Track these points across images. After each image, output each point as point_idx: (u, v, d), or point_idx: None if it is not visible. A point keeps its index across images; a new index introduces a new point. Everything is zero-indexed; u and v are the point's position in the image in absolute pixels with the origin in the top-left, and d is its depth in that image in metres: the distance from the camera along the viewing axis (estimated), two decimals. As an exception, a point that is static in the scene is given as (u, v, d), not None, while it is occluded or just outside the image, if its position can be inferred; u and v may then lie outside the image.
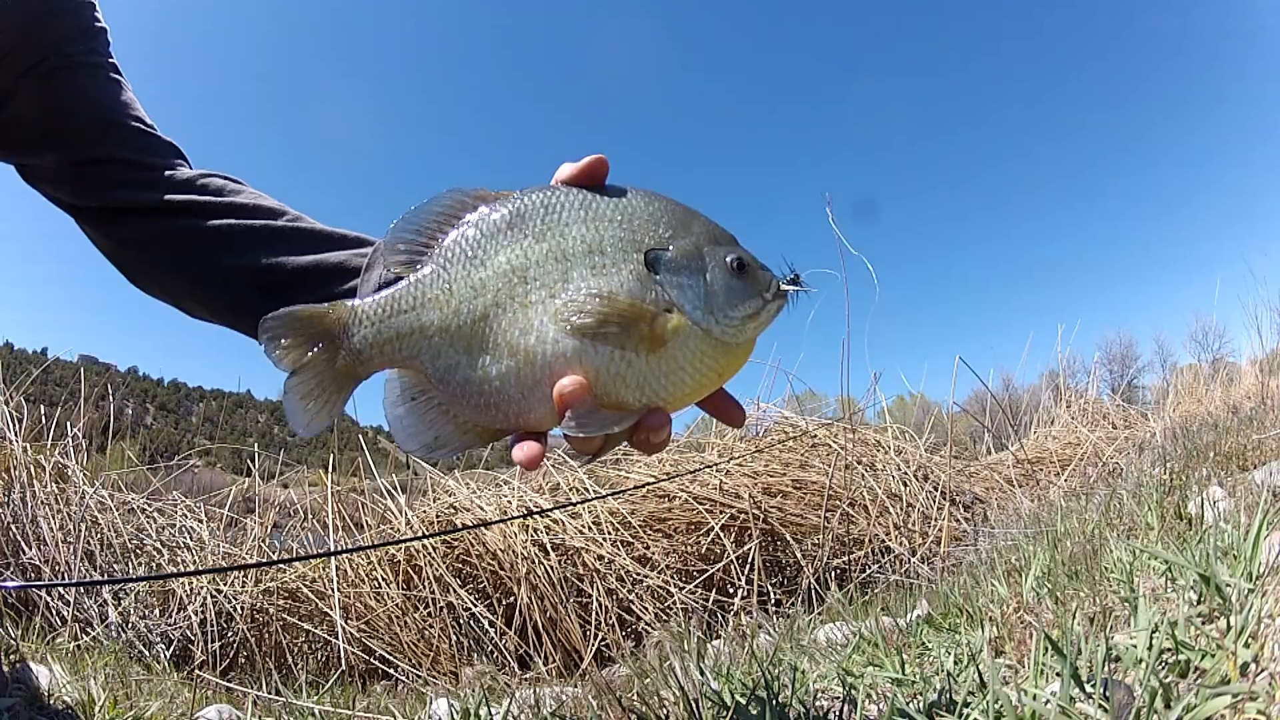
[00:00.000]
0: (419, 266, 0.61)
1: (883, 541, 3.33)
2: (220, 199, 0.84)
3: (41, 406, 3.39)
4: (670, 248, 0.59)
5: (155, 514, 3.23)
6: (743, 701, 1.00)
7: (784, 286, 0.61)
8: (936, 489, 3.62)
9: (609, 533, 3.18)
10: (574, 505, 3.24)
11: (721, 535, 3.24)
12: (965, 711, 0.85)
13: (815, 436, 3.87)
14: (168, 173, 0.86)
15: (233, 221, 0.83)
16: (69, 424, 3.33)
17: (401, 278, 0.62)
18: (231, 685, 2.36)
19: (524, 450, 0.58)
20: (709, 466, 3.50)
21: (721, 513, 3.31)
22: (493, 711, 1.34)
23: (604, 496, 3.29)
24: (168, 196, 0.84)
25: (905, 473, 3.69)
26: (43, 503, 2.94)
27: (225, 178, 0.87)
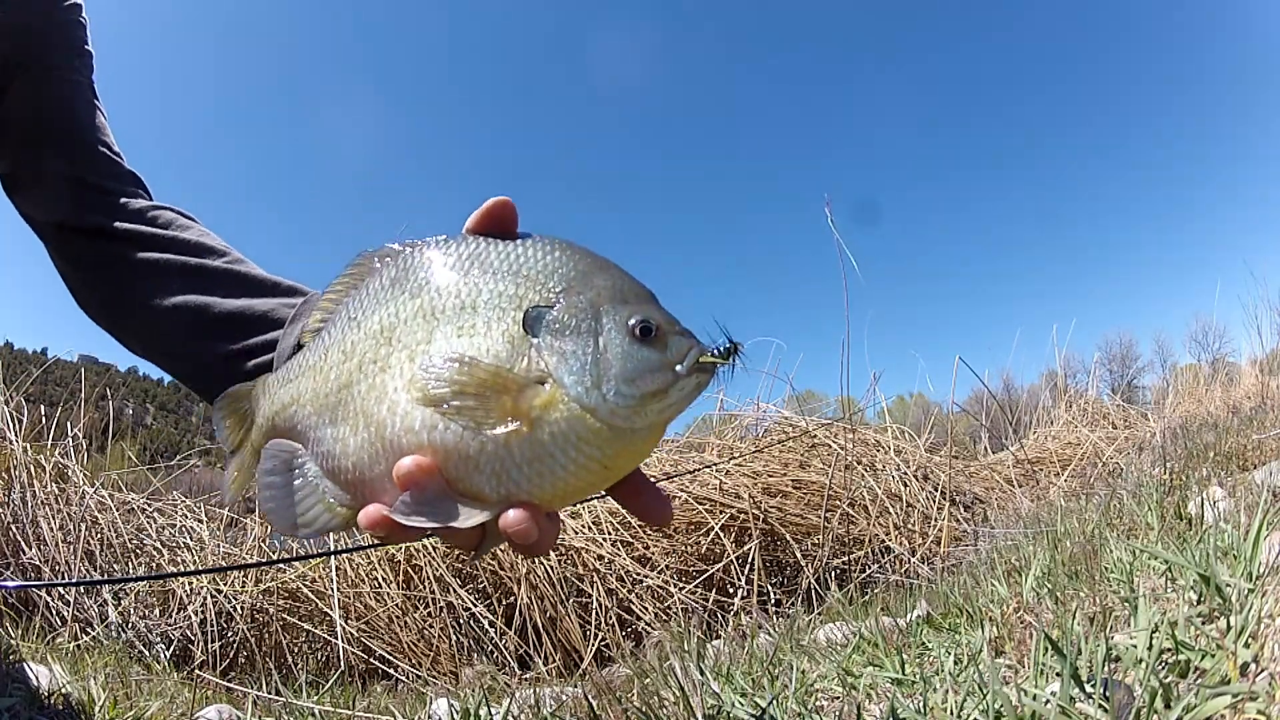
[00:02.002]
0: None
1: (883, 541, 3.33)
2: (165, 232, 0.83)
3: (41, 406, 3.39)
4: (556, 305, 0.48)
5: (155, 514, 3.23)
6: (742, 702, 1.00)
7: (705, 359, 0.48)
8: (936, 489, 3.62)
9: (609, 533, 3.18)
10: (574, 505, 3.24)
11: (721, 535, 3.24)
12: (965, 711, 0.85)
13: (815, 436, 3.87)
14: (122, 200, 0.85)
15: (170, 256, 0.81)
16: (69, 424, 3.33)
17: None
18: (231, 685, 2.36)
19: (368, 513, 0.49)
20: (709, 466, 3.50)
21: (721, 513, 3.31)
22: (493, 711, 1.34)
23: (604, 496, 3.29)
24: (116, 223, 0.83)
25: (905, 473, 3.69)
26: (43, 503, 2.94)
27: (178, 212, 0.86)
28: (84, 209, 0.84)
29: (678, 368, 0.48)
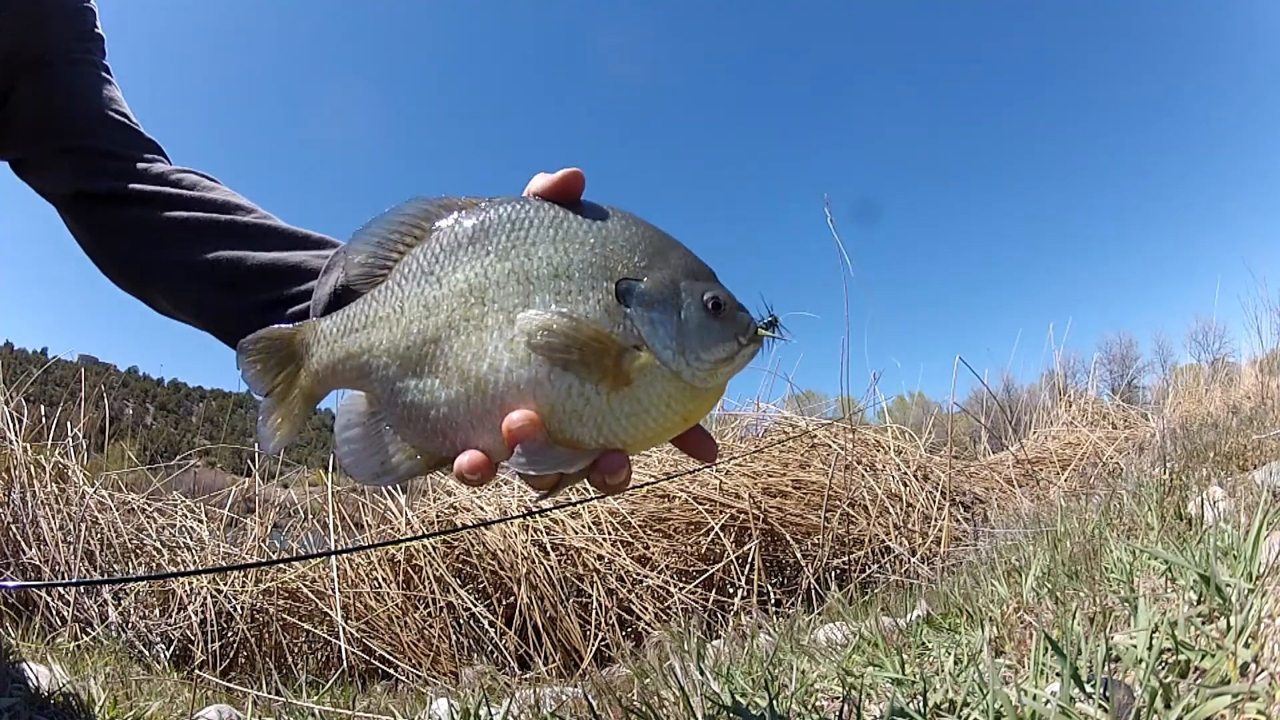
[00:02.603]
0: (377, 281, 0.59)
1: (883, 542, 3.33)
2: (190, 193, 0.84)
3: (41, 406, 3.39)
4: (644, 279, 0.55)
5: (155, 514, 3.23)
6: (742, 702, 1.00)
7: (760, 331, 0.57)
8: (936, 489, 3.62)
9: (609, 533, 3.18)
10: (574, 505, 3.24)
11: (721, 535, 3.24)
12: (965, 711, 0.85)
13: (815, 436, 3.87)
14: (141, 165, 0.86)
15: (199, 215, 0.82)
16: (69, 424, 3.33)
17: (361, 292, 0.60)
18: (231, 685, 2.36)
19: (467, 458, 0.54)
20: (709, 466, 3.50)
21: (721, 513, 3.31)
22: (493, 711, 1.34)
23: (604, 496, 3.29)
24: (137, 186, 0.84)
25: (905, 473, 3.69)
26: (43, 503, 2.94)
27: (201, 175, 0.88)
28: (99, 176, 0.85)
29: (740, 339, 0.55)
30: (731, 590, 3.12)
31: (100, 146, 0.87)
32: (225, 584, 2.91)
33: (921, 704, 0.91)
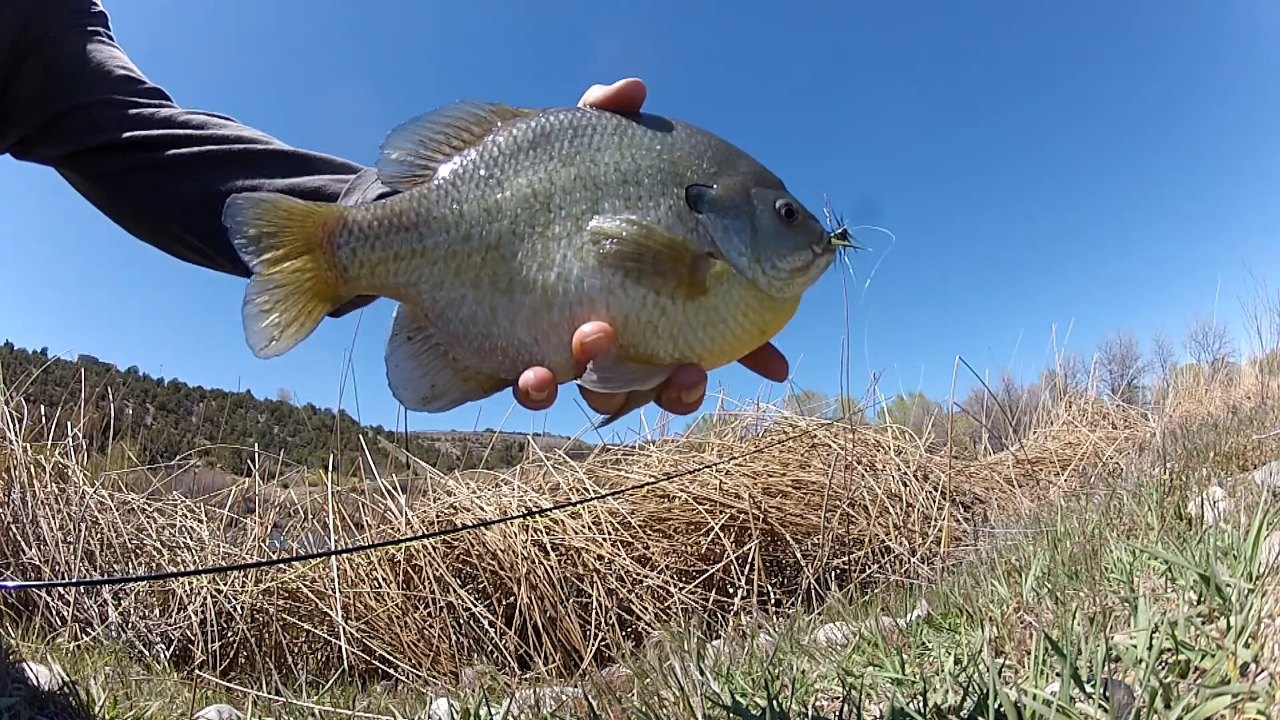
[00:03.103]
0: (418, 181, 0.53)
1: (883, 541, 3.33)
2: (198, 131, 0.82)
3: (41, 406, 3.39)
4: (715, 185, 0.52)
5: (155, 514, 3.23)
6: (742, 702, 1.00)
7: (834, 240, 0.55)
8: (936, 489, 3.62)
9: (609, 533, 3.18)
10: (574, 505, 3.24)
11: (721, 535, 3.24)
12: (965, 711, 0.85)
13: (815, 436, 3.87)
14: (138, 111, 0.85)
15: (208, 149, 0.80)
16: (69, 424, 3.33)
17: (395, 192, 0.54)
18: (231, 685, 2.36)
19: (532, 374, 0.50)
20: (709, 466, 3.50)
21: (721, 513, 3.31)
22: (493, 711, 1.34)
23: (604, 496, 3.29)
24: (136, 132, 0.83)
25: (905, 473, 3.69)
26: (43, 503, 2.94)
27: (213, 115, 0.85)
28: (96, 129, 0.84)
29: (814, 247, 0.54)
30: (731, 590, 3.12)
31: (97, 99, 0.85)
32: (225, 584, 2.91)
33: (921, 704, 0.91)
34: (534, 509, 3.28)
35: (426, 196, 0.52)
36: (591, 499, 3.25)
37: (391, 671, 2.77)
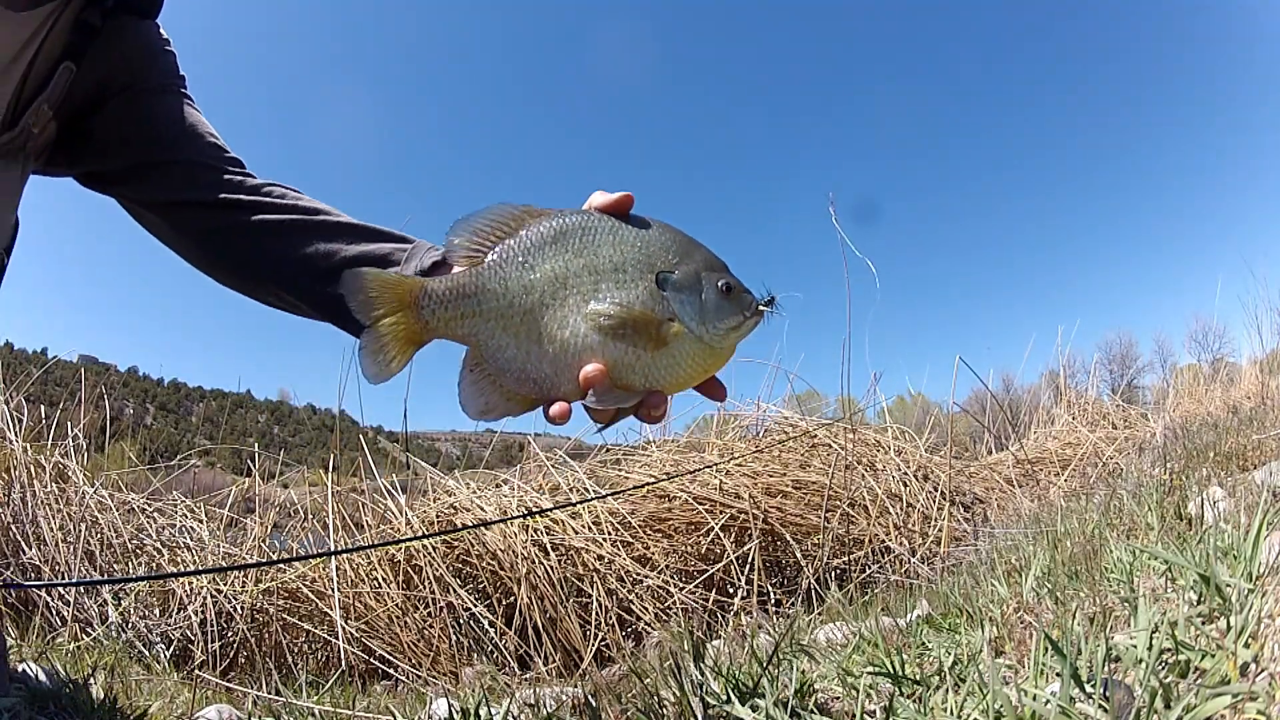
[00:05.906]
0: (475, 262, 0.76)
1: (883, 541, 3.33)
2: (280, 200, 1.00)
3: (41, 406, 3.39)
4: (676, 271, 0.75)
5: (155, 514, 3.22)
6: (743, 702, 1.00)
7: (760, 307, 0.77)
8: (936, 489, 3.62)
9: (609, 533, 3.18)
10: (574, 505, 3.24)
11: (721, 535, 3.24)
12: (965, 711, 0.85)
13: (815, 436, 3.87)
14: (231, 177, 1.01)
15: (294, 217, 0.98)
16: (69, 424, 3.33)
17: (452, 266, 0.79)
18: (231, 685, 2.36)
19: (557, 408, 0.74)
20: (709, 466, 3.50)
21: (721, 513, 3.31)
22: (493, 711, 1.34)
23: (604, 496, 3.29)
24: (232, 195, 0.99)
25: (905, 473, 3.69)
26: (43, 503, 2.94)
27: (285, 186, 1.03)
28: (197, 186, 1.00)
29: (745, 313, 0.76)
30: (731, 590, 3.12)
31: (194, 159, 1.01)
32: (225, 584, 2.91)
33: (921, 704, 0.91)
34: (534, 509, 3.28)
35: (482, 274, 0.76)
36: (591, 499, 3.25)
37: (391, 671, 2.76)
